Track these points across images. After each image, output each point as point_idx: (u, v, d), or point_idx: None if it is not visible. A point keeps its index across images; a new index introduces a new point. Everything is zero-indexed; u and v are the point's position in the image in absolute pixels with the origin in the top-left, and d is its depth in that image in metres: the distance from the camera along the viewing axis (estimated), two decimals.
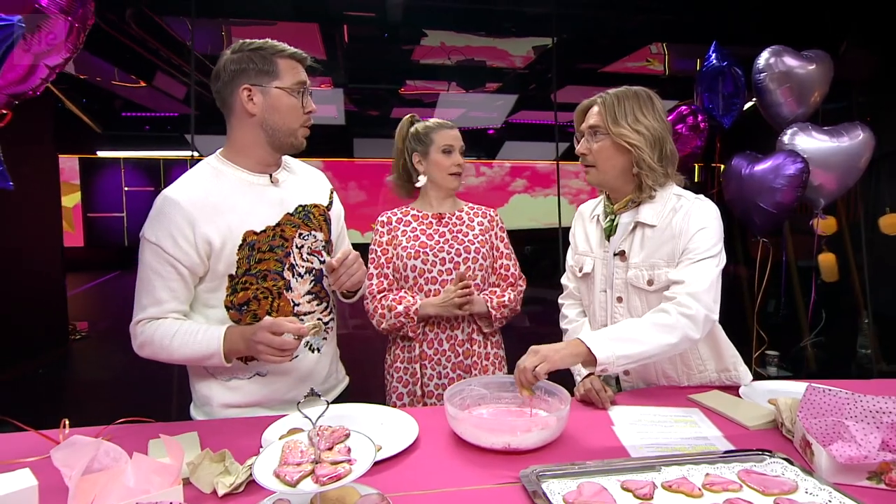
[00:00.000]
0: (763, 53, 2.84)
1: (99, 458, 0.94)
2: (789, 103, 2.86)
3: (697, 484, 1.02)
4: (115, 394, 4.30)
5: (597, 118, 1.49)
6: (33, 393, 4.35)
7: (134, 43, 5.23)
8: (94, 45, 5.43)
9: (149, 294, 1.35)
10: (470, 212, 1.93)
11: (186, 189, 1.37)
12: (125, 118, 9.07)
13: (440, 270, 1.83)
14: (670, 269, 1.44)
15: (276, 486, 0.82)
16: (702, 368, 1.58)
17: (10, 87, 0.97)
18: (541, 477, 1.04)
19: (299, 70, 1.41)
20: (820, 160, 2.81)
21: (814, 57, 2.87)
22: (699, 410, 1.40)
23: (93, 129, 7.93)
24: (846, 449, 1.04)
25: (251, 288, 1.40)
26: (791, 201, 2.75)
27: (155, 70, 6.25)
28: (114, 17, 4.72)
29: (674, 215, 1.46)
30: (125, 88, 7.60)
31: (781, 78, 2.82)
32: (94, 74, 7.05)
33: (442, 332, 1.84)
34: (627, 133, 1.45)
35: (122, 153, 9.68)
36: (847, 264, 4.13)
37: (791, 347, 3.96)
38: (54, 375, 4.99)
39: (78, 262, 10.35)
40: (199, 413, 1.47)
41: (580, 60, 6.00)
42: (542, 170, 10.93)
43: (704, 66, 3.11)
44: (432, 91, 6.99)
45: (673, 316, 1.35)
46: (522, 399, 1.31)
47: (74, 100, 7.60)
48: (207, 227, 1.34)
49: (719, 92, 3.01)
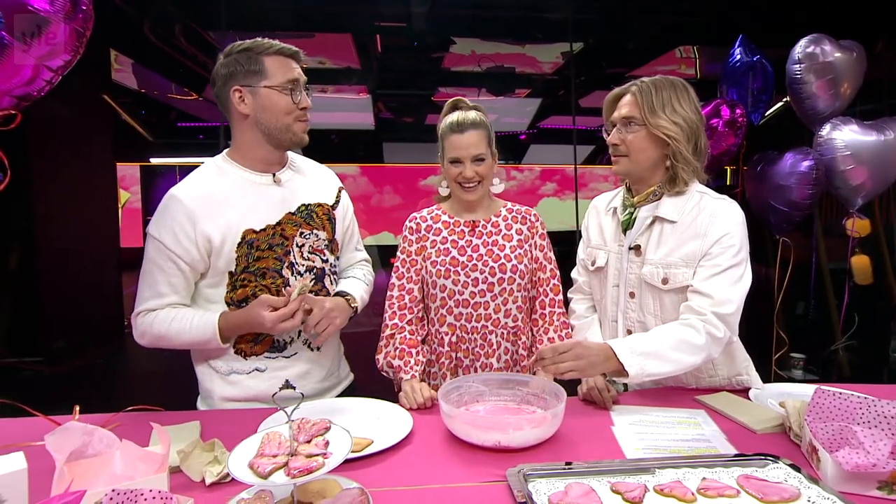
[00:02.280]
0: (800, 42, 2.62)
1: (93, 444, 0.94)
2: (827, 97, 2.64)
3: (692, 488, 0.94)
4: (163, 383, 4.42)
5: (631, 108, 1.40)
6: (90, 382, 4.52)
7: (185, 57, 5.42)
8: (150, 61, 5.66)
9: (150, 287, 1.35)
10: (508, 216, 1.60)
11: (190, 187, 1.36)
12: (181, 128, 9.41)
13: (472, 292, 1.52)
14: (688, 269, 1.36)
15: (248, 476, 0.79)
16: (713, 374, 1.48)
17: (15, 89, 0.98)
18: (528, 476, 0.98)
19: (289, 66, 1.37)
20: (860, 155, 2.58)
21: (851, 46, 2.67)
22: (704, 412, 1.31)
23: (146, 138, 8.31)
24: (853, 456, 0.94)
25: (250, 285, 1.38)
26: (803, 199, 2.57)
27: (205, 83, 6.48)
28: (166, 33, 4.90)
29: (697, 214, 1.38)
30: (180, 101, 7.90)
31: (819, 69, 2.59)
32: (152, 88, 7.36)
33: (476, 359, 1.53)
34: (666, 124, 1.37)
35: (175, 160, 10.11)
36: (882, 267, 3.88)
37: (821, 351, 3.73)
38: (110, 366, 5.17)
39: (136, 262, 10.73)
40: (204, 405, 1.47)
41: (608, 65, 5.87)
42: (571, 173, 10.76)
43: (732, 61, 2.94)
44: (463, 97, 6.97)
45: (702, 336, 1.30)
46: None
47: (134, 112, 7.93)
48: (208, 225, 1.33)
49: (748, 87, 2.84)
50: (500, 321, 1.53)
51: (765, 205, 2.71)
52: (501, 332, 1.54)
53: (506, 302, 1.53)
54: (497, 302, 1.53)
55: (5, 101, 0.96)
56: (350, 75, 5.87)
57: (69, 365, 4.59)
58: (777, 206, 2.63)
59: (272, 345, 1.42)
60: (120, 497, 0.75)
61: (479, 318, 1.53)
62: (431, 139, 1.71)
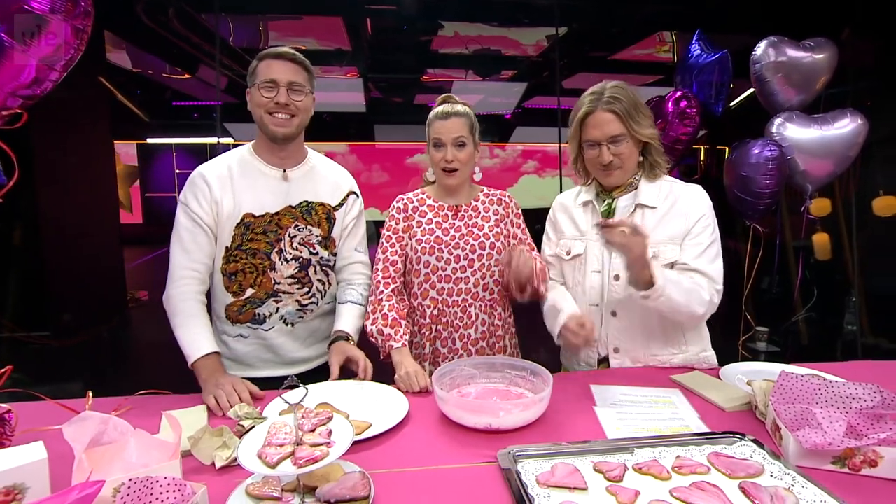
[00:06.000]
0: (760, 44, 2.65)
1: (108, 432, 0.94)
2: (785, 91, 2.67)
3: (667, 466, 0.98)
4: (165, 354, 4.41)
5: (618, 127, 1.43)
6: (97, 355, 4.50)
7: (179, 39, 5.26)
8: (145, 42, 5.49)
9: (179, 244, 1.48)
10: (486, 199, 1.67)
11: (213, 165, 1.53)
12: (176, 107, 9.17)
13: (454, 268, 1.59)
14: (675, 246, 1.45)
15: (258, 467, 0.80)
16: (685, 349, 1.54)
17: (20, 90, 0.95)
18: (517, 457, 1.01)
19: (272, 67, 1.45)
20: (807, 148, 2.65)
21: (814, 46, 2.67)
22: (679, 391, 1.34)
23: (142, 118, 8.13)
24: (812, 435, 0.98)
25: (240, 261, 1.51)
26: (765, 188, 2.60)
27: (198, 63, 6.29)
28: (160, 15, 4.74)
29: (675, 199, 1.48)
30: (174, 80, 7.67)
31: (778, 68, 2.63)
32: (147, 68, 7.14)
33: (455, 330, 1.60)
34: (646, 130, 1.45)
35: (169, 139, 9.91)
36: (840, 244, 3.96)
37: (782, 324, 3.83)
38: (115, 339, 5.14)
39: (137, 238, 10.62)
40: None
41: (590, 48, 5.81)
42: (552, 152, 10.73)
43: (695, 56, 2.91)
44: (451, 79, 6.86)
45: (707, 294, 1.39)
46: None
47: (129, 91, 7.72)
48: (220, 195, 1.48)
49: (711, 81, 2.82)
50: (478, 294, 1.61)
51: (734, 192, 2.73)
52: (479, 305, 1.61)
53: (484, 276, 1.61)
54: (476, 277, 1.60)
55: (10, 101, 0.92)
56: (341, 57, 5.74)
57: (76, 339, 4.56)
58: (739, 195, 2.67)
59: (253, 317, 1.55)
60: (137, 485, 0.76)
61: (459, 293, 1.60)
62: (419, 120, 1.74)
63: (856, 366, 1.53)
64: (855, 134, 2.62)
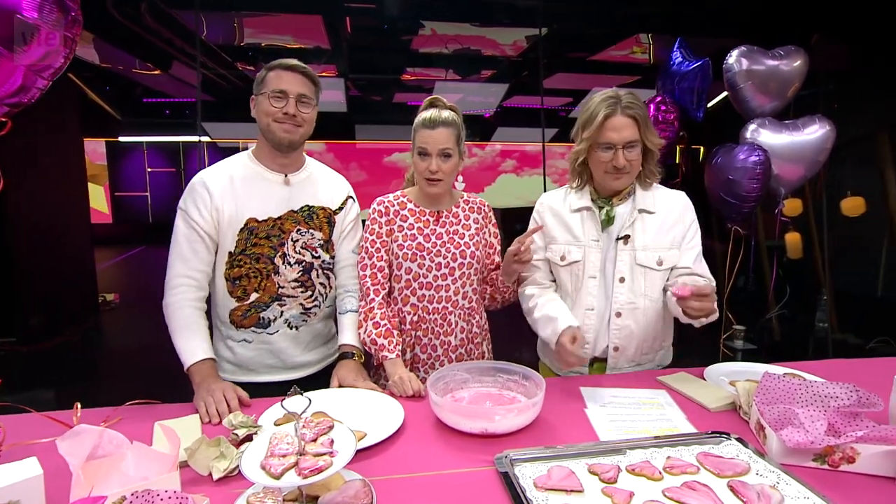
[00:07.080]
0: (732, 52, 2.75)
1: (103, 445, 0.93)
2: (758, 98, 2.77)
3: (659, 467, 1.01)
4: (139, 359, 4.31)
5: (635, 133, 1.46)
6: (68, 360, 4.37)
7: (149, 34, 5.13)
8: (114, 37, 5.33)
9: (178, 252, 1.48)
10: (465, 206, 1.65)
11: (214, 172, 1.53)
12: (146, 104, 8.93)
13: (435, 276, 1.57)
14: (676, 250, 1.53)
15: (262, 478, 0.80)
16: (666, 346, 1.64)
17: (8, 98, 0.93)
18: (514, 461, 1.03)
19: (283, 78, 1.47)
20: (779, 153, 2.77)
21: (783, 54, 2.77)
22: (666, 392, 1.38)
23: (112, 115, 7.88)
24: (795, 434, 1.02)
25: (244, 266, 1.51)
26: (749, 192, 2.69)
27: (171, 59, 6.14)
28: (131, 10, 4.62)
29: (669, 205, 1.55)
30: (145, 76, 7.47)
31: (749, 76, 2.74)
32: (116, 63, 6.93)
33: (436, 337, 1.59)
34: (656, 139, 1.51)
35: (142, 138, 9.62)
36: (811, 243, 4.11)
37: (757, 321, 3.95)
38: (87, 343, 5.01)
39: (108, 238, 10.37)
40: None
41: (569, 49, 5.89)
42: (531, 151, 10.81)
43: (677, 63, 2.99)
44: (431, 78, 6.86)
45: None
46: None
47: (98, 88, 7.49)
48: (221, 202, 1.48)
49: (693, 87, 2.91)
50: (458, 303, 1.61)
51: (716, 196, 2.82)
52: (459, 313, 1.61)
53: (464, 285, 1.61)
54: (456, 285, 1.60)
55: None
56: (320, 55, 5.69)
57: (46, 343, 4.43)
58: (724, 198, 2.75)
59: (257, 322, 1.55)
60: (139, 500, 0.76)
61: (439, 300, 1.60)
62: (398, 120, 1.74)
63: (832, 364, 1.59)
64: (824, 140, 2.73)
